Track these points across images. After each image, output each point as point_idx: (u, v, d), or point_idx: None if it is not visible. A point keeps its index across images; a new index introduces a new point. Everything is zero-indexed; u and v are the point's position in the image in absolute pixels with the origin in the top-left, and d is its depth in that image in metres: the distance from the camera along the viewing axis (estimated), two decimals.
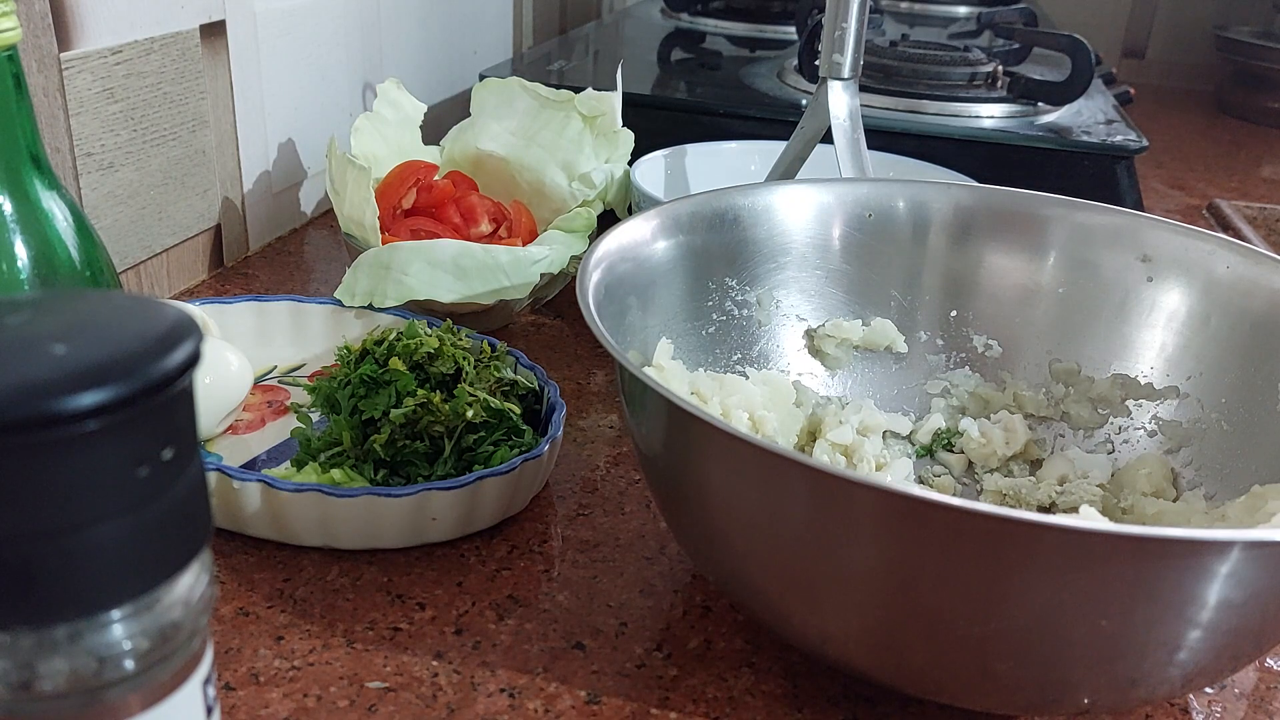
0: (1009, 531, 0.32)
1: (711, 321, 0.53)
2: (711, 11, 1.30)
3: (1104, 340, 0.53)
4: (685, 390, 0.48)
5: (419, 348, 0.49)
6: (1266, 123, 1.49)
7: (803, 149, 0.68)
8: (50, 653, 0.18)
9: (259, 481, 0.44)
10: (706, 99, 0.91)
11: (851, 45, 0.64)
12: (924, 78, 0.91)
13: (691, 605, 0.44)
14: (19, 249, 0.38)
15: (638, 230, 0.49)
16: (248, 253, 0.77)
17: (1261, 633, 0.35)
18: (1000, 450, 0.52)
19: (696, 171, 0.76)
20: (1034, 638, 0.33)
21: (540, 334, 0.68)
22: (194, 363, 0.18)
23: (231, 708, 0.38)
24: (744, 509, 0.37)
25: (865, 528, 0.34)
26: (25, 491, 0.17)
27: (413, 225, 0.69)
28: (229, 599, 0.43)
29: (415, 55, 0.97)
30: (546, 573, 0.46)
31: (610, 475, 0.53)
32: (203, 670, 0.21)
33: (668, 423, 0.39)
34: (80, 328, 0.18)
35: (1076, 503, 0.49)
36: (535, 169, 0.72)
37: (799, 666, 0.41)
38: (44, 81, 0.56)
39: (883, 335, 0.55)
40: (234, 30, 0.71)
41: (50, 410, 0.16)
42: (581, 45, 1.13)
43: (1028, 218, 0.54)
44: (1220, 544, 0.31)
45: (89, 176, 0.60)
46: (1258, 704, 0.41)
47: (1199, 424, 0.49)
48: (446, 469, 0.47)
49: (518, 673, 0.40)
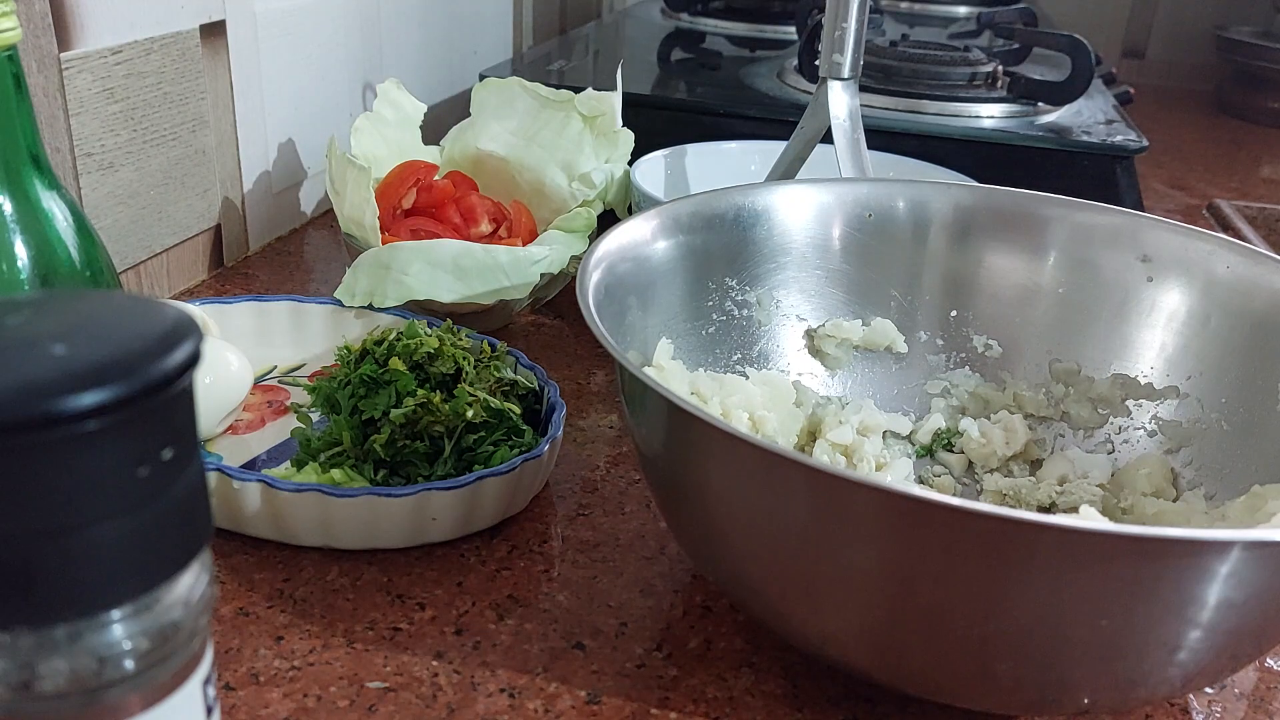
0: (1009, 531, 0.32)
1: (711, 321, 0.53)
2: (711, 11, 1.30)
3: (1104, 340, 0.53)
4: (685, 390, 0.48)
5: (419, 348, 0.49)
6: (1266, 123, 1.49)
7: (803, 149, 0.68)
8: (50, 653, 0.18)
9: (259, 481, 0.44)
10: (706, 99, 0.91)
11: (851, 45, 0.64)
12: (924, 78, 0.91)
13: (691, 605, 0.44)
14: (19, 249, 0.38)
15: (638, 230, 0.49)
16: (248, 253, 0.77)
17: (1261, 633, 0.35)
18: (1000, 450, 0.52)
19: (696, 171, 0.76)
20: (1034, 638, 0.33)
21: (540, 334, 0.68)
22: (194, 363, 0.18)
23: (231, 708, 0.38)
24: (744, 509, 0.37)
25: (865, 528, 0.34)
26: (25, 491, 0.17)
27: (413, 225, 0.69)
28: (229, 599, 0.43)
29: (415, 55, 0.97)
30: (546, 573, 0.46)
31: (610, 475, 0.53)
32: (203, 670, 0.21)
33: (668, 423, 0.39)
34: (80, 328, 0.18)
35: (1076, 503, 0.49)
36: (535, 169, 0.72)
37: (799, 666, 0.41)
38: (44, 81, 0.56)
39: (883, 335, 0.55)
40: (234, 30, 0.71)
41: (50, 410, 0.16)
42: (581, 45, 1.13)
43: (1028, 218, 0.54)
44: (1220, 544, 0.31)
45: (89, 176, 0.60)
46: (1258, 704, 0.41)
47: (1199, 424, 0.49)
48: (446, 469, 0.47)
49: (518, 673, 0.40)
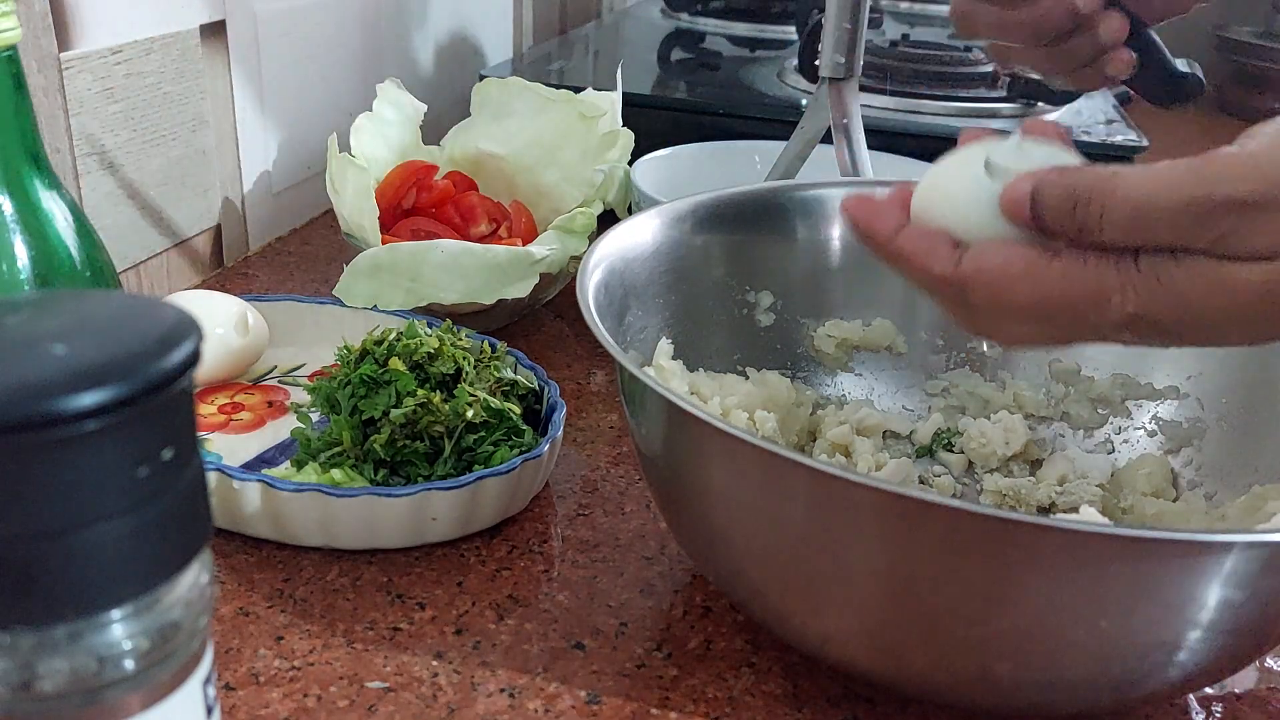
0: (1009, 532, 0.32)
1: (711, 321, 0.53)
2: (711, 11, 1.30)
3: None
4: (685, 390, 0.48)
5: (419, 348, 0.49)
6: None
7: (803, 149, 0.68)
8: (50, 653, 0.18)
9: (259, 481, 0.44)
10: (706, 99, 0.91)
11: (851, 45, 0.64)
12: (924, 78, 0.91)
13: (691, 605, 0.44)
14: (19, 249, 0.38)
15: (638, 230, 0.49)
16: (248, 253, 0.77)
17: (1261, 633, 0.35)
18: (1000, 450, 0.52)
19: (696, 171, 0.76)
20: (1034, 638, 0.33)
21: (540, 334, 0.68)
22: (194, 363, 0.18)
23: (231, 708, 0.38)
24: (744, 509, 0.37)
25: (865, 528, 0.34)
26: (25, 491, 0.17)
27: (413, 225, 0.69)
28: (229, 599, 0.43)
29: (415, 55, 0.97)
30: (546, 573, 0.46)
31: (610, 475, 0.53)
32: (203, 670, 0.21)
33: (668, 423, 0.39)
34: (80, 328, 0.18)
35: (1076, 503, 0.49)
36: (535, 169, 0.72)
37: (799, 666, 0.41)
38: (44, 81, 0.56)
39: (883, 335, 0.55)
40: (234, 30, 0.71)
41: (50, 410, 0.16)
42: (581, 45, 1.13)
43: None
44: (1220, 544, 0.31)
45: (89, 176, 0.60)
46: (1258, 704, 0.41)
47: (1199, 424, 0.49)
48: (446, 469, 0.47)
49: (518, 673, 0.40)
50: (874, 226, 0.37)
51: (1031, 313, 0.33)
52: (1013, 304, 0.34)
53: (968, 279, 0.34)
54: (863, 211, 0.37)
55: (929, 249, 0.35)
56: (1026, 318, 0.34)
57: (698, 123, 0.86)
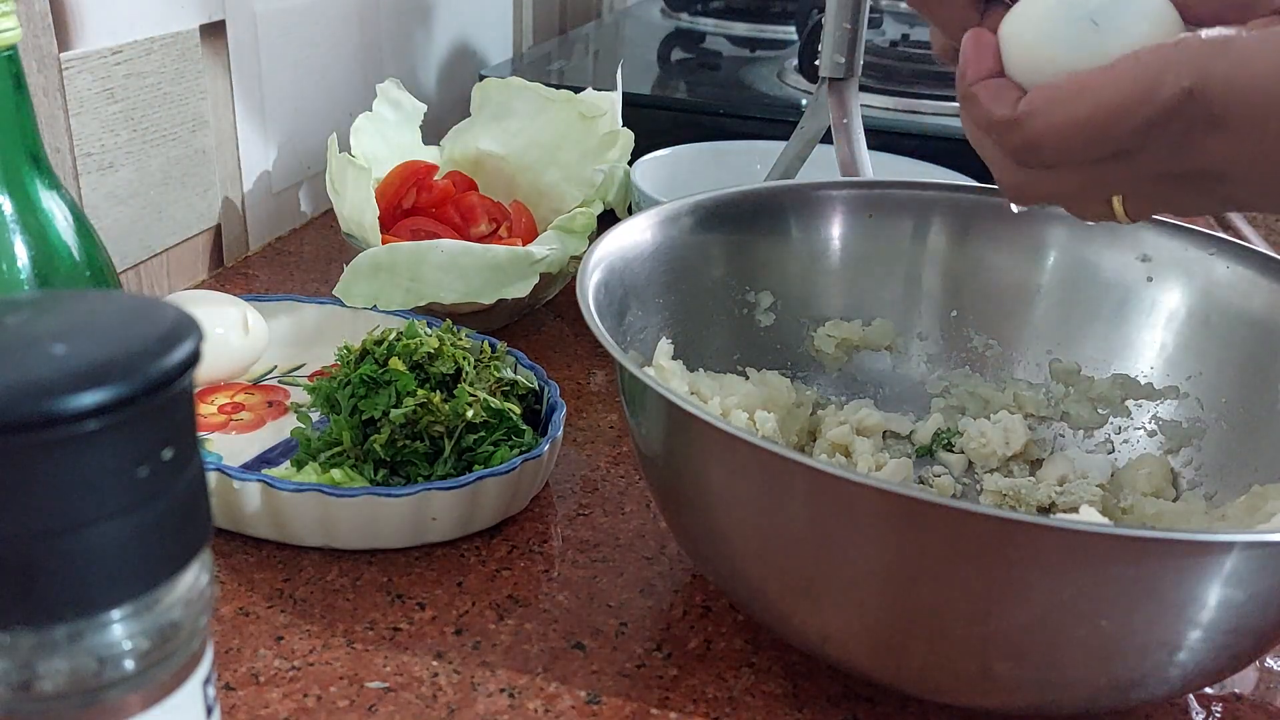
0: (1009, 532, 0.32)
1: (712, 321, 0.53)
2: (711, 11, 1.30)
3: (1104, 340, 0.53)
4: (685, 390, 0.48)
5: (419, 348, 0.49)
6: None
7: (803, 149, 0.68)
8: (50, 653, 0.18)
9: (259, 481, 0.44)
10: (706, 99, 0.91)
11: (851, 45, 0.64)
12: (924, 78, 0.91)
13: (691, 605, 0.44)
14: (19, 249, 0.38)
15: (638, 230, 0.49)
16: (248, 253, 0.77)
17: (1261, 633, 0.35)
18: (1000, 450, 0.52)
19: (696, 171, 0.76)
20: (1034, 638, 0.33)
21: (540, 334, 0.68)
22: (194, 363, 0.18)
23: (231, 708, 0.38)
24: (744, 509, 0.37)
25: (865, 528, 0.34)
26: (25, 491, 0.17)
27: (413, 225, 0.69)
28: (229, 599, 0.43)
29: (415, 55, 0.97)
30: (546, 573, 0.46)
31: (610, 475, 0.53)
32: (203, 670, 0.21)
33: (668, 423, 0.39)
34: (80, 328, 0.18)
35: (1076, 503, 0.49)
36: (535, 169, 0.72)
37: (799, 666, 0.41)
38: (44, 81, 0.56)
39: (883, 335, 0.55)
40: (234, 30, 0.71)
41: (50, 410, 0.16)
42: (581, 45, 1.13)
43: (1028, 218, 0.54)
44: (1220, 544, 0.31)
45: (89, 176, 0.60)
46: (1258, 704, 0.41)
47: (1199, 424, 0.49)
48: (446, 469, 0.47)
49: (518, 673, 0.40)
50: (967, 62, 0.38)
51: (1086, 134, 0.34)
52: (1069, 126, 0.34)
53: (1024, 117, 0.35)
54: (971, 46, 0.38)
55: (995, 94, 0.36)
56: (1079, 145, 0.34)
57: (698, 123, 0.86)
